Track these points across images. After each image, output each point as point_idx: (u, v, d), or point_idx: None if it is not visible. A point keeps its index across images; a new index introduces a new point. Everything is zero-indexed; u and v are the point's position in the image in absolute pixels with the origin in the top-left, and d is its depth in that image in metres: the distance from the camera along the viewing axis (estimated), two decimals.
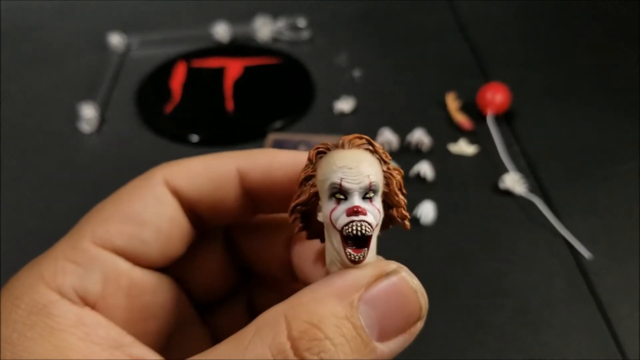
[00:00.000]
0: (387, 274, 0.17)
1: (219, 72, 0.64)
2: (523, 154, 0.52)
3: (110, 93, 0.63)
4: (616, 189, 0.49)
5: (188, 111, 0.59)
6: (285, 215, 0.20)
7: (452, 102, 0.57)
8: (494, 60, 0.64)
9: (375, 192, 0.17)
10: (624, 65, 0.63)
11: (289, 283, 0.24)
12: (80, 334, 0.18)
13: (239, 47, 0.69)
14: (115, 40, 0.69)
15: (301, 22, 0.71)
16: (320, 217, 0.18)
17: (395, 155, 0.52)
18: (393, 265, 0.17)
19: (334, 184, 0.17)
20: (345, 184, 0.17)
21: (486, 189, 0.49)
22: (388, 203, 0.19)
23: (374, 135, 0.54)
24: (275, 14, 0.71)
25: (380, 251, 0.42)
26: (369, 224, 0.17)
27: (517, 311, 0.40)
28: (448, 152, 0.53)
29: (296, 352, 0.15)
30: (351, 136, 0.18)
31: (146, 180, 0.22)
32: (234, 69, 0.64)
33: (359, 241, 0.17)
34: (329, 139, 0.19)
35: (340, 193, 0.17)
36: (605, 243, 0.44)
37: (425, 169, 0.50)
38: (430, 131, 0.54)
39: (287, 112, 0.58)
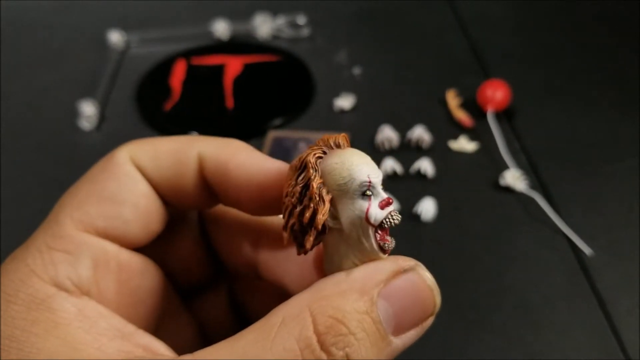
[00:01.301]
0: (405, 271, 0.17)
1: (219, 70, 0.64)
2: (523, 150, 0.52)
3: (110, 91, 0.63)
4: (617, 185, 0.49)
5: (188, 109, 0.59)
6: (252, 217, 0.20)
7: (453, 99, 0.57)
8: (493, 58, 0.64)
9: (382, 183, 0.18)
10: (624, 62, 0.63)
11: (254, 279, 0.24)
12: (85, 327, 0.18)
13: (238, 44, 0.69)
14: (115, 37, 0.69)
15: (301, 20, 0.70)
16: (335, 223, 0.18)
17: (396, 152, 0.52)
18: (411, 262, 0.18)
19: (364, 182, 0.17)
20: (373, 180, 0.17)
21: (487, 186, 0.49)
22: None
23: (374, 132, 0.54)
24: (275, 12, 0.71)
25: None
26: (397, 214, 0.18)
27: (517, 308, 0.40)
28: (448, 149, 0.53)
29: (322, 347, 0.15)
30: (339, 135, 0.19)
31: (112, 159, 0.21)
32: (233, 66, 0.64)
33: (389, 231, 0.18)
34: (330, 137, 0.19)
35: (368, 190, 0.17)
36: (606, 239, 0.44)
37: (425, 165, 0.50)
38: (431, 128, 0.54)
39: (287, 109, 0.58)
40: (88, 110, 0.57)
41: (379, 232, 0.18)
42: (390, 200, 0.17)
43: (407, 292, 0.17)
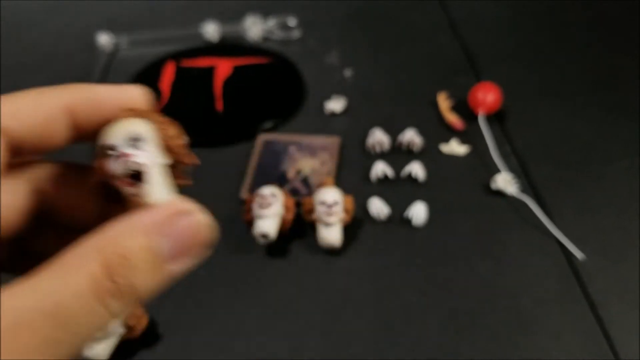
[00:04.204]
0: (182, 212, 0.21)
1: (209, 72, 0.63)
2: (515, 153, 0.52)
3: None
4: (608, 188, 0.49)
5: (177, 111, 0.58)
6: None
7: (444, 102, 0.57)
8: (485, 60, 0.64)
9: (138, 140, 0.21)
10: (616, 64, 0.63)
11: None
12: None
13: (228, 46, 0.68)
14: (104, 40, 0.68)
15: (291, 22, 0.70)
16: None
17: (387, 155, 0.52)
18: (187, 206, 0.21)
19: (106, 145, 0.21)
20: (109, 142, 0.21)
21: (478, 190, 0.49)
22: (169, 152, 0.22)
23: (365, 135, 0.54)
24: (265, 13, 0.70)
25: (373, 251, 0.41)
26: (136, 162, 0.21)
27: (509, 312, 0.40)
28: (439, 152, 0.52)
29: (110, 278, 0.19)
30: (132, 109, 0.22)
31: None
32: (223, 68, 0.64)
33: (136, 177, 0.21)
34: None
35: (110, 150, 0.21)
36: (598, 243, 0.44)
37: (416, 169, 0.49)
38: (422, 131, 0.53)
39: (278, 112, 0.58)
40: None
41: (121, 180, 0.21)
42: (126, 153, 0.21)
43: (182, 229, 0.20)
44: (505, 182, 0.48)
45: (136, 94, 0.23)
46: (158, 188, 0.21)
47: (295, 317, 0.40)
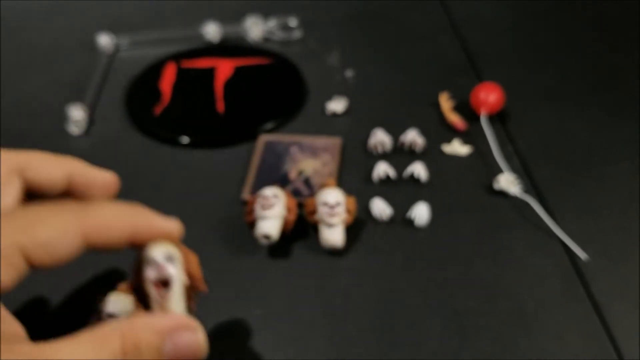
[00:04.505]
0: (189, 328, 0.26)
1: (210, 73, 0.63)
2: (517, 154, 0.52)
3: (99, 94, 0.62)
4: (611, 189, 0.48)
5: (178, 112, 0.58)
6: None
7: (446, 102, 0.57)
8: (487, 60, 0.64)
9: (172, 259, 0.28)
10: (618, 64, 0.63)
11: None
12: None
13: (229, 47, 0.68)
14: (104, 41, 0.68)
15: (292, 22, 0.70)
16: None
17: (389, 156, 0.52)
18: (193, 324, 0.26)
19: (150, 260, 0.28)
20: (151, 255, 0.28)
21: (480, 190, 0.49)
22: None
23: (367, 135, 0.53)
24: (266, 14, 0.70)
25: (375, 252, 0.41)
26: (168, 272, 0.27)
27: (512, 313, 0.40)
28: (442, 153, 0.52)
29: (124, 358, 0.24)
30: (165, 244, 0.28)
31: None
32: (224, 69, 0.63)
33: (163, 285, 0.27)
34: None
35: (151, 261, 0.28)
36: (601, 244, 0.44)
37: (419, 169, 0.49)
38: (424, 131, 0.53)
39: (279, 113, 0.57)
40: (77, 114, 0.56)
41: (153, 284, 0.27)
42: (162, 265, 0.27)
43: (184, 341, 0.26)
44: (507, 182, 0.47)
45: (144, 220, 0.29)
46: (176, 298, 0.27)
47: (298, 318, 0.40)
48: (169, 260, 0.28)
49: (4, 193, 0.29)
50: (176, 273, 0.28)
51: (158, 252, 0.27)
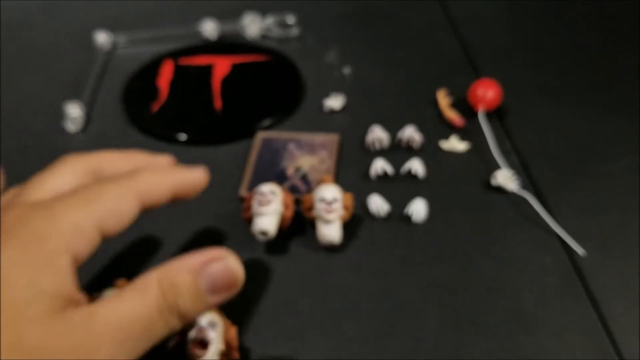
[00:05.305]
0: (218, 257, 0.29)
1: (207, 70, 0.63)
2: (515, 150, 0.52)
3: (96, 92, 0.62)
4: (609, 185, 0.48)
5: (175, 110, 0.58)
6: None
7: (443, 99, 0.56)
8: (484, 57, 0.64)
9: (214, 324, 0.33)
10: (617, 61, 0.62)
11: None
12: None
13: (227, 44, 0.68)
14: (102, 38, 0.68)
15: (290, 19, 0.70)
16: None
17: (386, 152, 0.52)
18: (223, 253, 0.29)
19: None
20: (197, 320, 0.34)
21: (478, 186, 0.48)
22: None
23: (364, 132, 0.53)
24: (263, 11, 0.70)
25: (372, 248, 0.41)
26: (208, 334, 0.33)
27: (510, 310, 0.39)
28: (439, 149, 0.52)
29: (165, 299, 0.27)
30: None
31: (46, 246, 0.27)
32: (222, 66, 0.63)
33: (202, 345, 0.33)
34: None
35: (195, 324, 0.34)
36: (600, 240, 0.44)
37: (416, 166, 0.49)
38: (421, 128, 0.53)
39: (277, 110, 0.57)
40: (74, 111, 0.56)
41: (192, 344, 0.32)
42: (205, 328, 0.33)
43: (217, 271, 0.28)
44: (505, 178, 0.47)
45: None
46: (211, 356, 0.31)
47: (294, 314, 0.39)
48: (211, 326, 0.32)
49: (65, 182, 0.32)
50: (214, 337, 0.31)
51: (204, 318, 0.32)
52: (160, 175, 0.33)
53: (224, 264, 0.29)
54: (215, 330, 0.32)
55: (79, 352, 0.24)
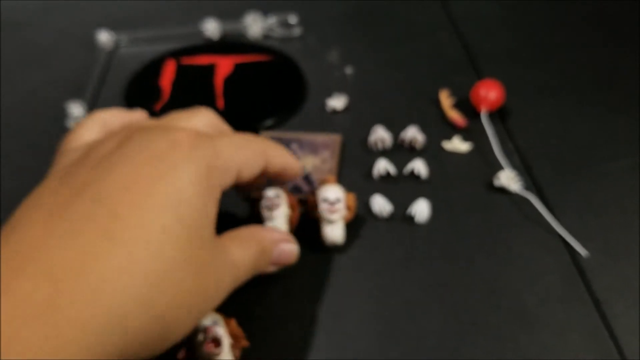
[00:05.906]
0: (291, 240, 0.38)
1: (209, 70, 0.63)
2: (517, 151, 0.52)
3: (99, 91, 0.62)
4: (612, 186, 0.48)
5: (178, 109, 0.58)
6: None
7: (446, 99, 0.56)
8: (487, 57, 0.64)
9: (216, 323, 0.35)
10: (618, 61, 0.63)
11: None
12: None
13: (229, 44, 0.68)
14: (104, 37, 0.68)
15: (292, 19, 0.70)
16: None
17: (389, 153, 0.52)
18: (291, 238, 0.38)
19: None
20: (203, 321, 0.35)
21: (481, 187, 0.49)
22: None
23: (367, 132, 0.53)
24: (266, 11, 0.70)
25: (375, 248, 0.41)
26: (217, 332, 0.34)
27: (512, 310, 0.39)
28: (442, 150, 0.52)
29: (257, 259, 0.35)
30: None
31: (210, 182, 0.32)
32: (224, 66, 0.63)
33: (215, 342, 0.34)
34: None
35: (202, 326, 0.35)
36: (602, 240, 0.44)
37: (419, 166, 0.49)
38: (424, 128, 0.53)
39: (279, 110, 0.57)
40: (76, 111, 0.56)
41: (207, 343, 0.34)
42: (210, 327, 0.34)
43: (287, 249, 0.37)
44: (508, 179, 0.47)
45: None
46: (226, 351, 0.34)
47: (296, 314, 0.40)
48: (215, 323, 0.34)
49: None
50: (223, 333, 0.34)
51: (207, 318, 0.34)
52: (282, 151, 0.38)
53: (292, 247, 0.37)
54: (220, 327, 0.34)
55: (217, 275, 0.31)
